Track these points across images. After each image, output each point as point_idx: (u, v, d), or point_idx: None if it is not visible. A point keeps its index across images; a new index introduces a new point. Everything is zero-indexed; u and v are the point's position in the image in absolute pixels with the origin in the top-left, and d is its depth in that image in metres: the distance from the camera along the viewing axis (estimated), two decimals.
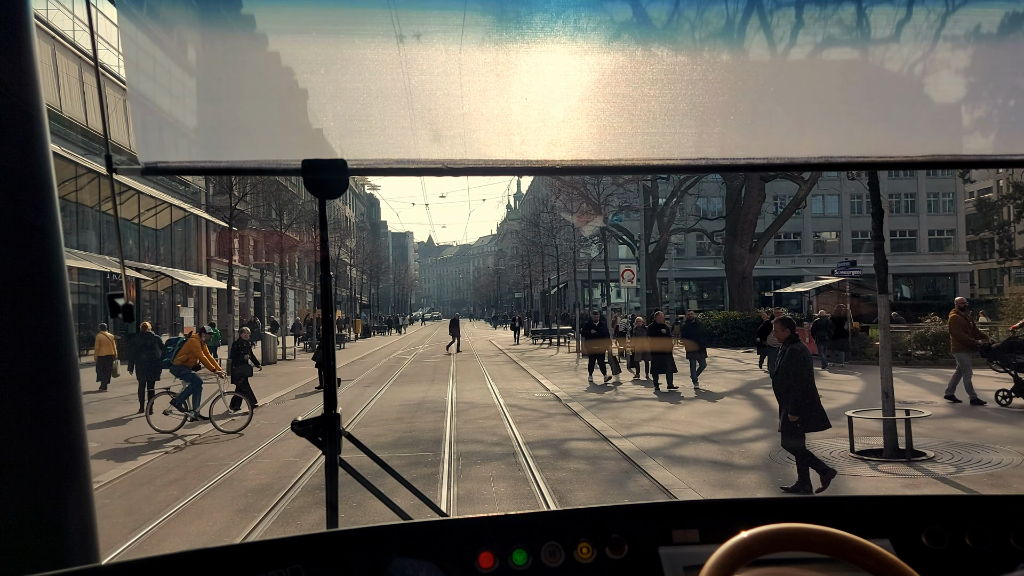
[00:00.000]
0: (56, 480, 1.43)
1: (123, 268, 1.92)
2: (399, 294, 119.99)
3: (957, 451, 9.17)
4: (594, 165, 1.75)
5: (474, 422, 12.77)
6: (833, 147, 1.73)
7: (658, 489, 7.85)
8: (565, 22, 1.58)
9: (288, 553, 1.25)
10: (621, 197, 38.13)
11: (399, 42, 1.55)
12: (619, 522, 1.37)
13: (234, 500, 7.86)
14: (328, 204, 1.72)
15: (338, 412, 1.65)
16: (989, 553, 1.34)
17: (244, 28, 1.58)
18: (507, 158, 1.68)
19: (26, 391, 1.41)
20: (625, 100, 1.65)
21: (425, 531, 1.35)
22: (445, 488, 8.15)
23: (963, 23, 1.62)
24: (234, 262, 28.79)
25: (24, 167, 1.44)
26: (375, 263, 75.68)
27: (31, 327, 1.43)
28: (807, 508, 1.42)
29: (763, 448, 9.83)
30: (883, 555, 0.90)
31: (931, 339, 20.51)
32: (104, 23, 15.36)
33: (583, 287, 50.79)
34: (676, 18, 1.64)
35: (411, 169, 1.67)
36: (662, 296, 41.68)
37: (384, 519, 1.44)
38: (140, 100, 1.58)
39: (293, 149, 1.67)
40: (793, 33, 1.67)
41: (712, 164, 1.74)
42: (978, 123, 1.73)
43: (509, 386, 17.90)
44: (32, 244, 1.44)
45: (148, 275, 29.86)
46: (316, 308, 43.83)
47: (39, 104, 1.47)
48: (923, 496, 1.43)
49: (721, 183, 40.24)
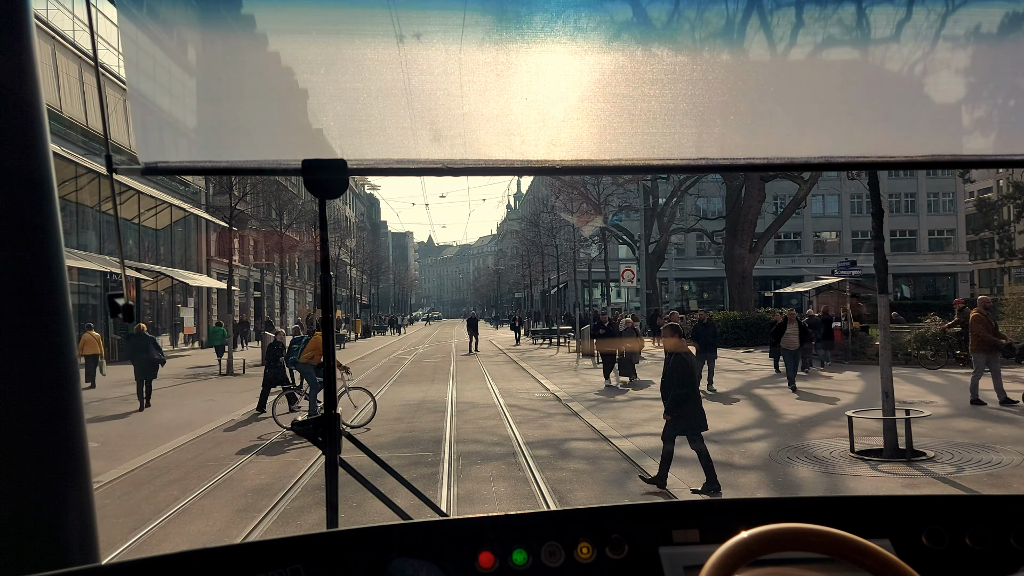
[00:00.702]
0: (56, 480, 1.43)
1: (123, 268, 1.92)
2: (399, 294, 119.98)
3: (957, 451, 9.16)
4: (594, 165, 1.75)
5: (474, 422, 12.77)
6: (833, 147, 1.73)
7: (658, 489, 7.86)
8: (565, 22, 1.58)
9: (288, 553, 1.25)
10: (621, 197, 38.15)
11: (399, 42, 1.55)
12: (619, 522, 1.37)
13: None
14: (328, 204, 1.72)
15: (338, 412, 1.65)
16: (989, 553, 1.34)
17: (244, 28, 1.58)
18: (507, 158, 1.68)
19: (26, 391, 1.41)
20: (625, 100, 1.65)
21: (425, 531, 1.35)
22: (445, 488, 8.15)
23: (963, 23, 1.62)
24: (234, 262, 28.79)
25: (24, 167, 1.44)
26: (375, 263, 75.70)
27: (31, 327, 1.43)
28: (807, 508, 1.42)
29: (763, 448, 9.83)
30: (883, 555, 0.90)
31: (931, 339, 20.48)
32: (104, 23, 15.34)
33: (583, 287, 50.79)
34: (676, 18, 1.64)
35: (411, 169, 1.67)
36: (662, 296, 41.68)
37: (384, 519, 1.44)
38: (140, 100, 1.58)
39: (293, 149, 1.67)
40: (793, 33, 1.67)
41: (712, 164, 1.74)
42: (978, 123, 1.73)
43: (509, 386, 17.90)
44: (32, 244, 1.44)
45: (148, 275, 29.86)
46: (316, 308, 43.84)
47: (39, 104, 1.47)
48: (923, 496, 1.43)
49: (721, 183, 40.23)
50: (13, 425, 1.39)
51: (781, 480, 8.11)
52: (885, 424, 8.96)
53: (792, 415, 12.35)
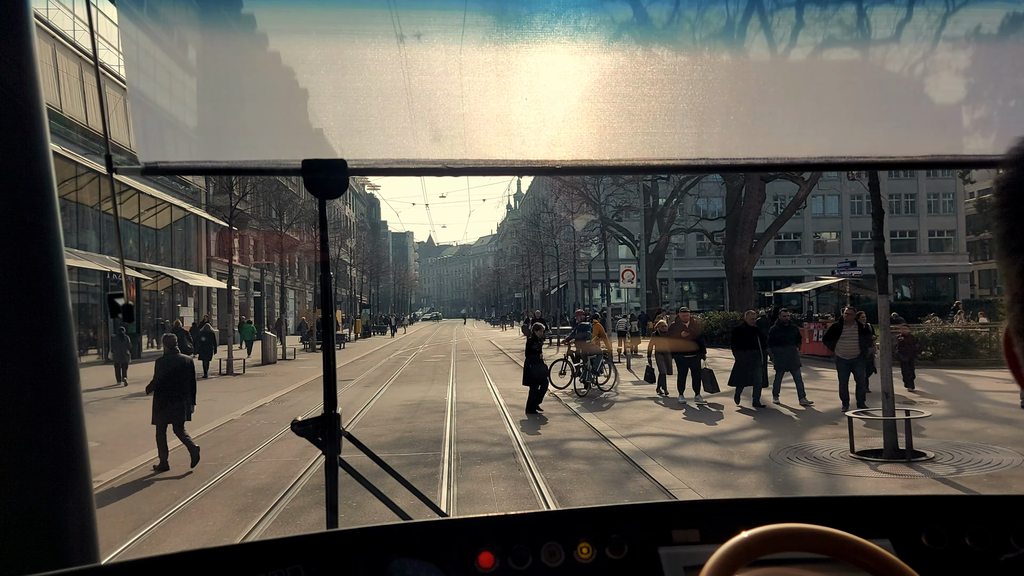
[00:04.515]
0: (56, 480, 1.43)
1: (123, 268, 1.92)
2: (399, 294, 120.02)
3: (957, 451, 9.16)
4: (594, 165, 1.75)
5: (474, 422, 12.77)
6: (833, 147, 1.73)
7: (658, 489, 7.86)
8: (565, 22, 1.58)
9: (288, 553, 1.25)
10: (621, 197, 38.14)
11: (399, 42, 1.55)
12: (619, 522, 1.37)
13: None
14: (328, 204, 1.72)
15: (338, 412, 1.65)
16: (989, 553, 1.34)
17: (244, 28, 1.58)
18: (507, 158, 1.68)
19: (26, 391, 1.41)
20: (625, 100, 1.65)
21: (425, 531, 1.35)
22: (445, 488, 8.15)
23: (963, 23, 1.62)
24: (234, 262, 28.79)
25: (24, 167, 1.44)
26: (375, 263, 75.67)
27: (31, 327, 1.43)
28: (807, 508, 1.42)
29: (763, 448, 9.83)
30: (883, 555, 0.90)
31: (931, 339, 20.48)
32: (104, 23, 15.34)
33: (583, 287, 50.78)
34: (676, 18, 1.64)
35: (411, 169, 1.67)
36: (662, 296, 41.66)
37: (384, 519, 1.44)
38: (140, 100, 1.58)
39: (293, 149, 1.67)
40: (793, 33, 1.67)
41: (712, 164, 1.74)
42: (978, 123, 1.73)
43: (509, 386, 17.88)
44: (32, 244, 1.44)
45: (148, 275, 29.86)
46: (316, 308, 43.84)
47: (39, 104, 1.47)
48: (923, 496, 1.43)
49: (721, 183, 40.19)
50: (13, 425, 1.39)
51: (781, 480, 8.11)
52: (885, 424, 8.96)
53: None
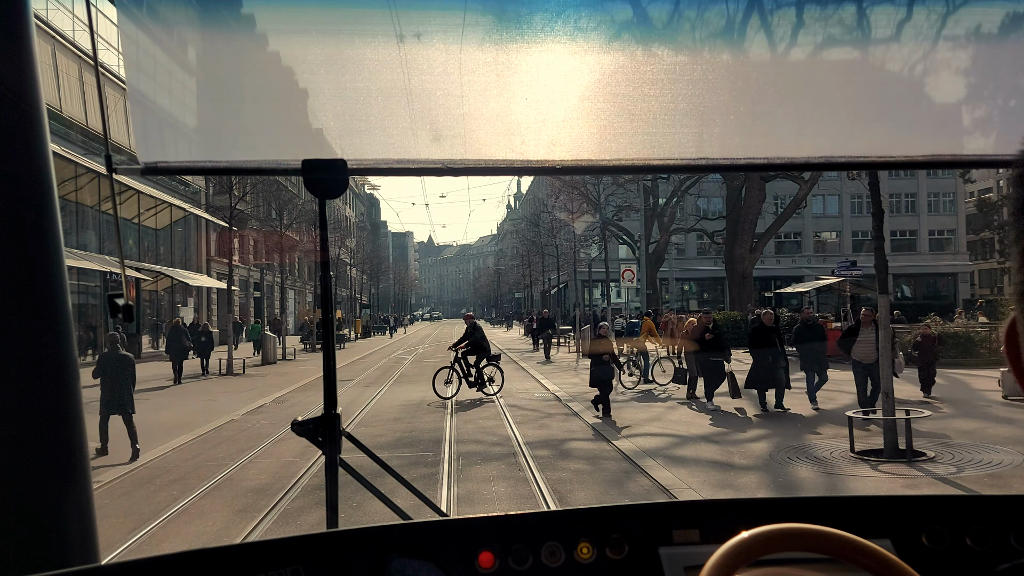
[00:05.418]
0: (56, 480, 1.43)
1: (123, 268, 1.92)
2: (399, 294, 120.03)
3: (957, 451, 9.16)
4: (594, 165, 1.75)
5: (474, 422, 12.77)
6: (833, 147, 1.73)
7: (658, 489, 7.85)
8: (565, 22, 1.58)
9: (288, 553, 1.25)
10: (621, 197, 38.13)
11: (399, 42, 1.55)
12: (619, 522, 1.37)
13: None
14: (328, 204, 1.72)
15: (338, 412, 1.65)
16: (989, 553, 1.34)
17: (244, 28, 1.58)
18: (507, 158, 1.68)
19: (26, 391, 1.41)
20: (625, 100, 1.65)
21: (425, 531, 1.35)
22: (445, 488, 8.15)
23: (963, 23, 1.62)
24: (234, 262, 28.79)
25: (24, 167, 1.44)
26: (375, 263, 75.65)
27: (31, 327, 1.43)
28: (807, 508, 1.42)
29: (763, 448, 9.82)
30: (883, 555, 0.90)
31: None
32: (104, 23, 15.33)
33: (583, 287, 50.75)
34: (676, 18, 1.64)
35: (411, 169, 1.67)
36: (662, 296, 41.67)
37: (384, 519, 1.44)
38: (140, 100, 1.58)
39: (293, 149, 1.67)
40: (793, 33, 1.67)
41: (712, 164, 1.74)
42: (978, 123, 1.73)
43: (509, 386, 17.85)
44: (32, 244, 1.44)
45: (148, 275, 29.86)
46: (316, 308, 43.85)
47: (39, 104, 1.47)
48: (923, 496, 1.43)
49: (721, 183, 40.20)
50: (13, 425, 1.39)
51: (781, 480, 8.10)
52: (885, 424, 8.95)
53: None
